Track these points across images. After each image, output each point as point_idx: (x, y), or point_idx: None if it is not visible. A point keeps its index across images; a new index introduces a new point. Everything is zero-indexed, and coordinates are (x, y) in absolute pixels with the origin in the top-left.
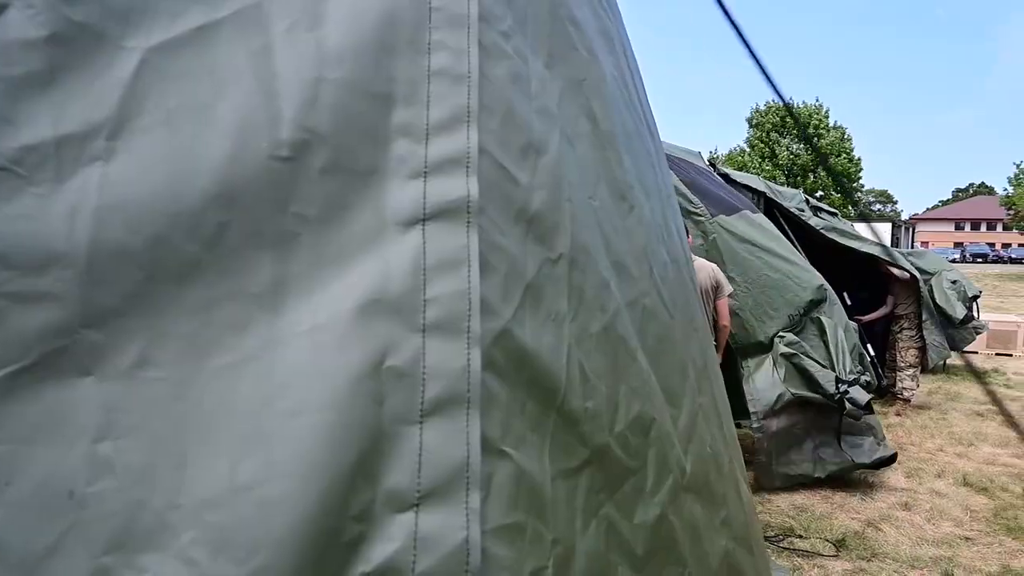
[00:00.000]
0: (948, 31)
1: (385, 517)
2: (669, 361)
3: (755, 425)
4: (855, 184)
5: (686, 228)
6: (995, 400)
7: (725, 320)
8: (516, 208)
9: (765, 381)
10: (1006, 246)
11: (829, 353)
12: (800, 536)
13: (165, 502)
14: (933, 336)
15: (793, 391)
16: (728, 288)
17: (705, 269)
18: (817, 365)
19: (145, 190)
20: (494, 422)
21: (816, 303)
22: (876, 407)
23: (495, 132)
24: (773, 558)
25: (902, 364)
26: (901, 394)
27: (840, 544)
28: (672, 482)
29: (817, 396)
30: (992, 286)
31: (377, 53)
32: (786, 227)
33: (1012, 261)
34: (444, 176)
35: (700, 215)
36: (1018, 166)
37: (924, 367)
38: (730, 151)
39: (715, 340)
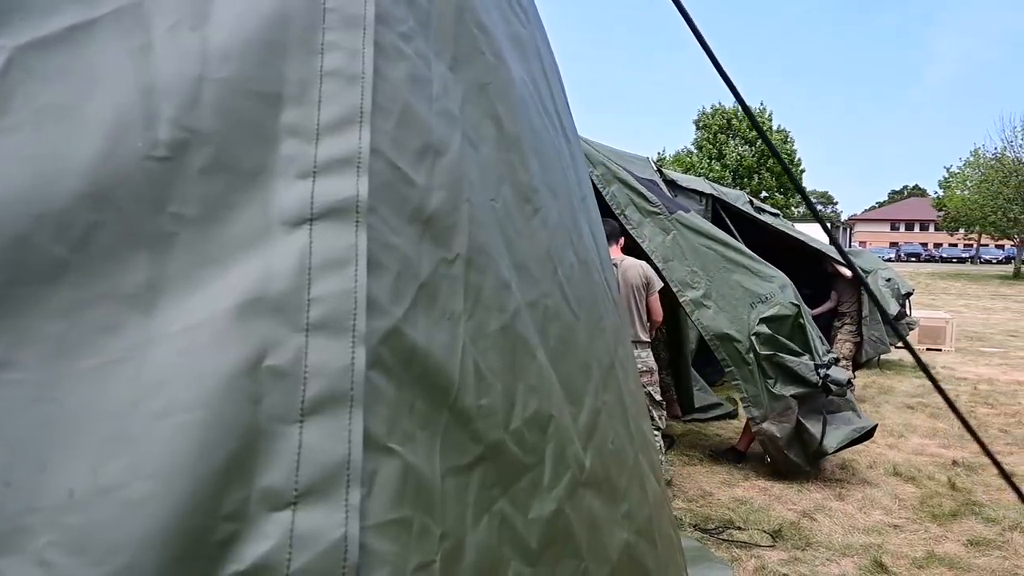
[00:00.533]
0: (884, 40)
1: (260, 516)
2: (572, 360)
3: (755, 429)
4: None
5: (658, 228)
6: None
7: (656, 316)
8: (411, 208)
9: (756, 389)
10: (938, 246)
11: (807, 337)
12: (739, 528)
13: (23, 506)
14: (872, 331)
15: (783, 393)
16: (658, 284)
17: (635, 268)
18: (794, 358)
19: (8, 191)
20: (380, 419)
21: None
22: None
23: (390, 133)
24: (713, 550)
25: (836, 356)
26: None
27: (777, 535)
28: (570, 477)
29: (804, 389)
30: (924, 284)
31: (266, 53)
32: (732, 228)
33: (943, 260)
34: (334, 176)
35: (659, 212)
36: (947, 170)
37: (857, 362)
38: (678, 152)
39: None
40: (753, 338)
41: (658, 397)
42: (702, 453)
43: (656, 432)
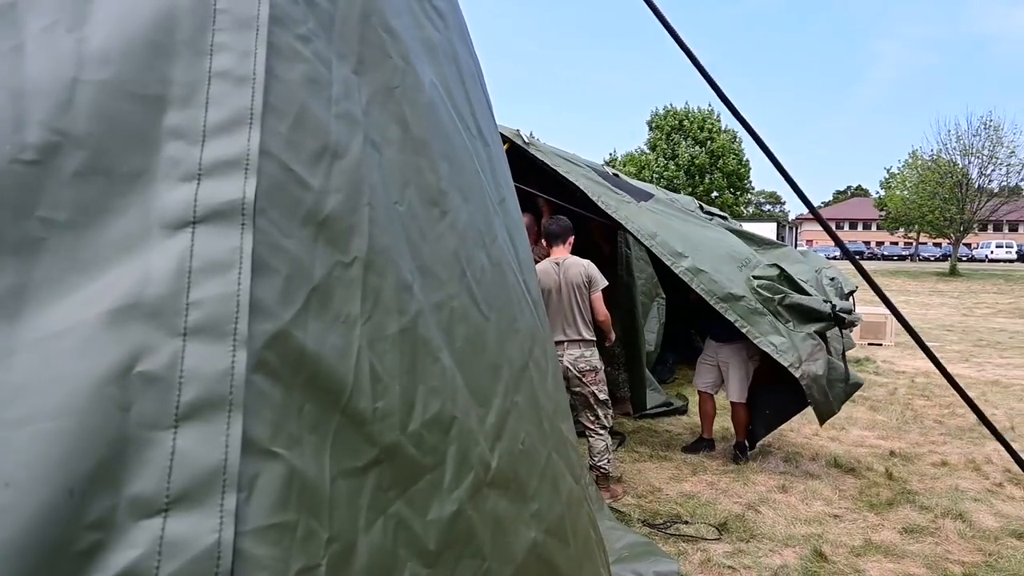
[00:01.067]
0: (827, 44)
1: (127, 524)
2: (480, 361)
3: (797, 375)
4: (744, 184)
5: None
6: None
7: (600, 315)
8: (305, 210)
9: (781, 336)
10: (880, 244)
11: (797, 283)
12: (686, 522)
13: None
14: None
15: (806, 332)
16: (601, 283)
17: (577, 267)
18: (801, 295)
19: None
20: (264, 423)
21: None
22: None
23: (284, 135)
24: (660, 544)
25: None
26: None
27: (722, 528)
28: (473, 478)
29: (821, 324)
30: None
31: (150, 54)
32: None
33: (885, 258)
34: (219, 178)
35: (630, 202)
36: (888, 171)
37: None
38: (631, 153)
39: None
40: (756, 292)
41: (603, 396)
42: (652, 449)
43: (603, 431)
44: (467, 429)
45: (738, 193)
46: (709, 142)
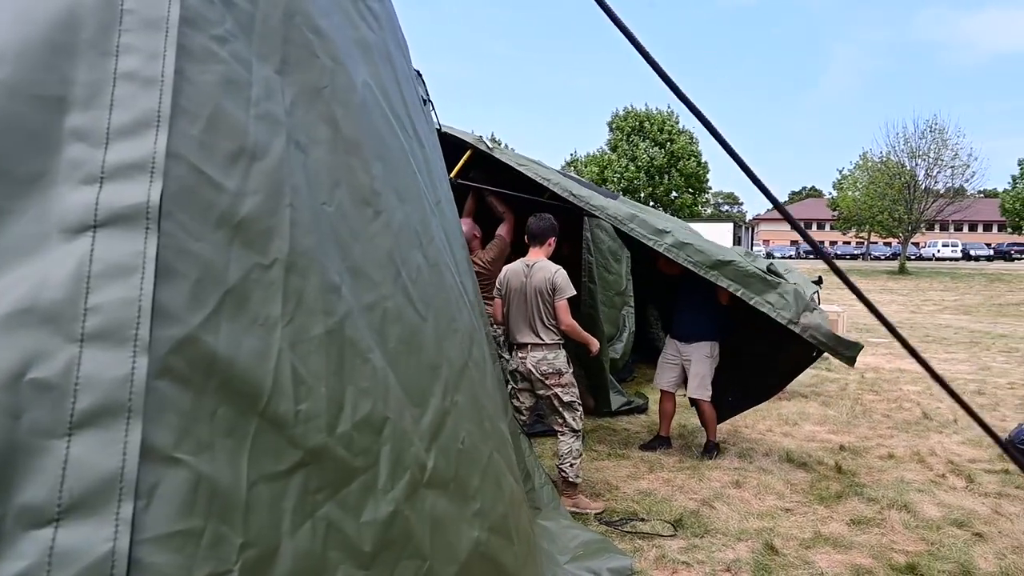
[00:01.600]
0: (783, 48)
1: (16, 534)
2: (416, 361)
3: (799, 329)
4: (703, 185)
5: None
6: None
7: (563, 324)
8: (218, 213)
9: (776, 294)
10: (833, 243)
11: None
12: (642, 519)
13: None
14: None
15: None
16: (566, 292)
17: (544, 271)
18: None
19: None
20: (168, 430)
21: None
22: None
23: (196, 137)
24: (617, 542)
25: None
26: None
27: (678, 524)
28: (409, 479)
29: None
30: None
31: (50, 55)
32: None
33: (837, 257)
34: (123, 181)
35: (599, 196)
36: (840, 172)
37: None
38: (593, 154)
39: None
40: (744, 256)
41: (567, 398)
42: (609, 448)
43: (571, 434)
44: (401, 429)
45: (696, 194)
46: (669, 143)
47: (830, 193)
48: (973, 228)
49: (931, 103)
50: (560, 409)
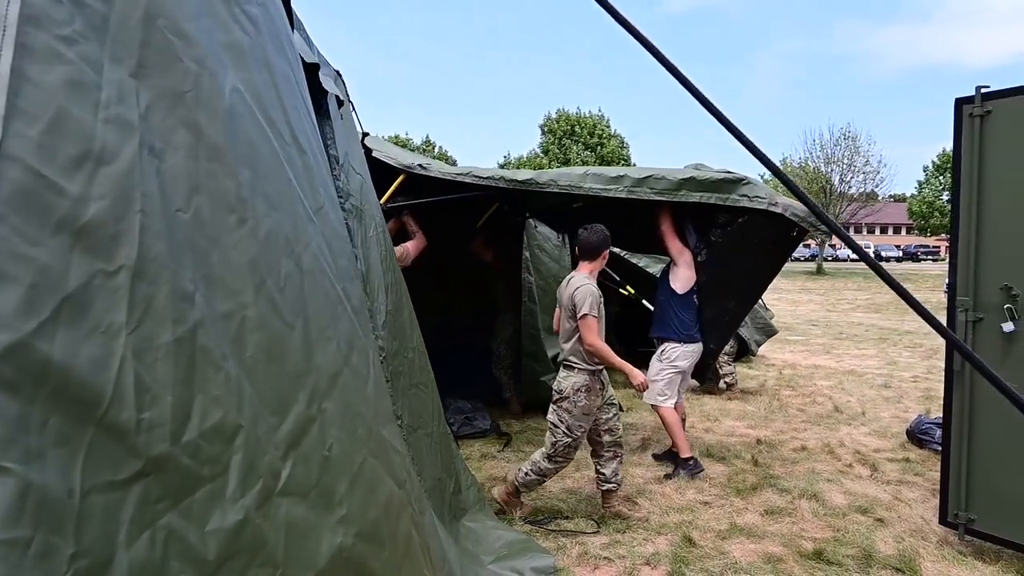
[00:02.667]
0: (709, 56)
1: None
2: (277, 369)
3: (780, 210)
4: None
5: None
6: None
7: (585, 343)
8: (58, 217)
9: (748, 186)
10: None
11: None
12: (567, 517)
13: None
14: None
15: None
16: (584, 310)
17: (571, 288)
18: None
19: None
20: None
21: None
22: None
23: (36, 139)
24: (541, 540)
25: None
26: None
27: (601, 521)
28: (261, 487)
29: None
30: None
31: None
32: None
33: None
34: None
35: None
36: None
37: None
38: (525, 156)
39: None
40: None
41: (552, 418)
42: (537, 448)
43: (545, 454)
44: (255, 438)
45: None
46: (599, 147)
47: None
48: (884, 231)
49: (846, 112)
50: (550, 430)
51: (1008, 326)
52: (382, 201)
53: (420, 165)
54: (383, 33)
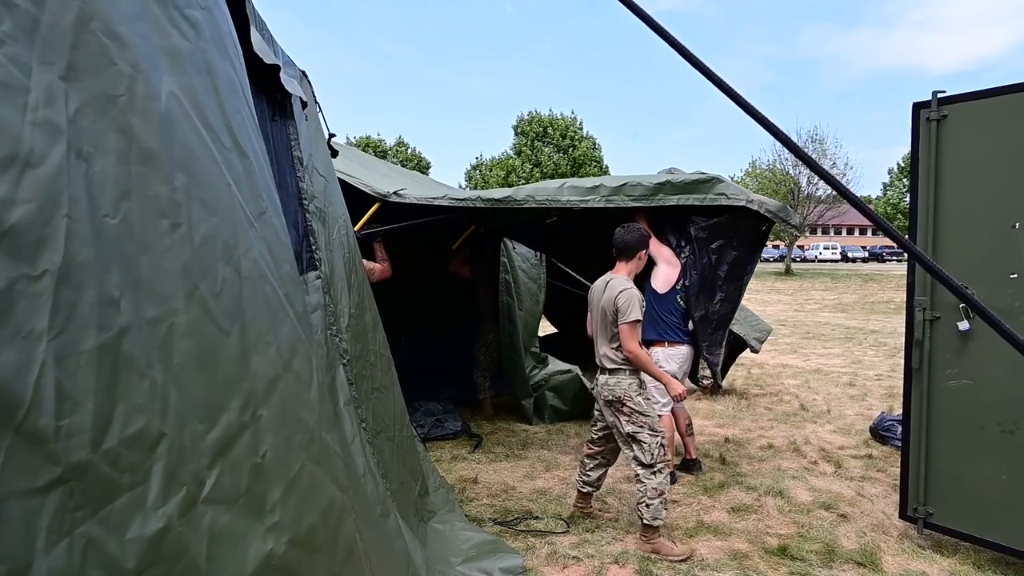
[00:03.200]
0: (677, 63)
1: None
2: (208, 376)
3: (756, 207)
4: None
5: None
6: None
7: (625, 349)
8: None
9: (723, 184)
10: None
11: None
12: (537, 518)
13: None
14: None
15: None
16: (629, 315)
17: (612, 291)
18: None
19: None
20: None
21: None
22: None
23: None
24: (511, 541)
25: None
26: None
27: (570, 520)
28: (185, 495)
29: None
30: None
31: None
32: None
33: None
34: None
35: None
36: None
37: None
38: (498, 157)
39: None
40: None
41: (630, 429)
42: (508, 449)
43: (644, 469)
44: (179, 446)
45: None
46: (571, 149)
47: None
48: (851, 232)
49: (814, 115)
50: (628, 442)
51: (963, 325)
52: (356, 229)
53: (395, 192)
54: (357, 34)
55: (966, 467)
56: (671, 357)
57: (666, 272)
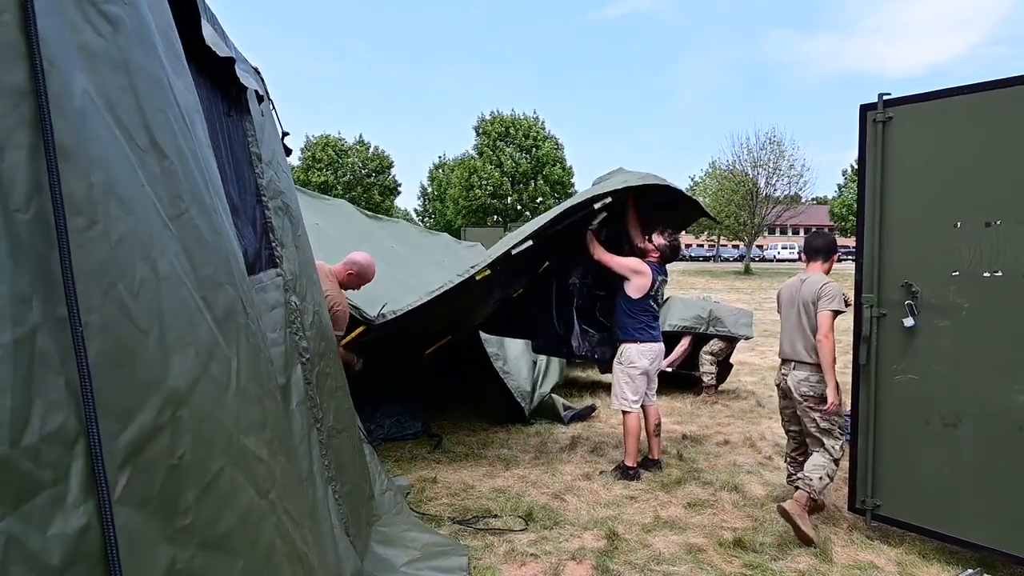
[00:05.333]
0: (643, 62)
1: None
2: (123, 376)
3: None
4: (569, 191)
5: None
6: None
7: (820, 333)
8: None
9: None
10: (687, 246)
11: None
12: (495, 516)
13: None
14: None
15: None
16: (830, 304)
17: (813, 284)
18: None
19: None
20: None
21: None
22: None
23: None
24: (468, 539)
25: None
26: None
27: (529, 518)
28: (99, 494)
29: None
30: (676, 280)
31: None
32: None
33: (691, 259)
34: None
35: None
36: (692, 179)
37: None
38: (460, 157)
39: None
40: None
41: (825, 425)
42: (468, 448)
43: (832, 457)
44: (96, 444)
45: (562, 199)
46: (535, 149)
47: None
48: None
49: (773, 117)
50: (818, 435)
51: (908, 321)
52: (339, 348)
53: (382, 314)
54: (313, 31)
55: (911, 460)
56: (643, 353)
57: (639, 281)
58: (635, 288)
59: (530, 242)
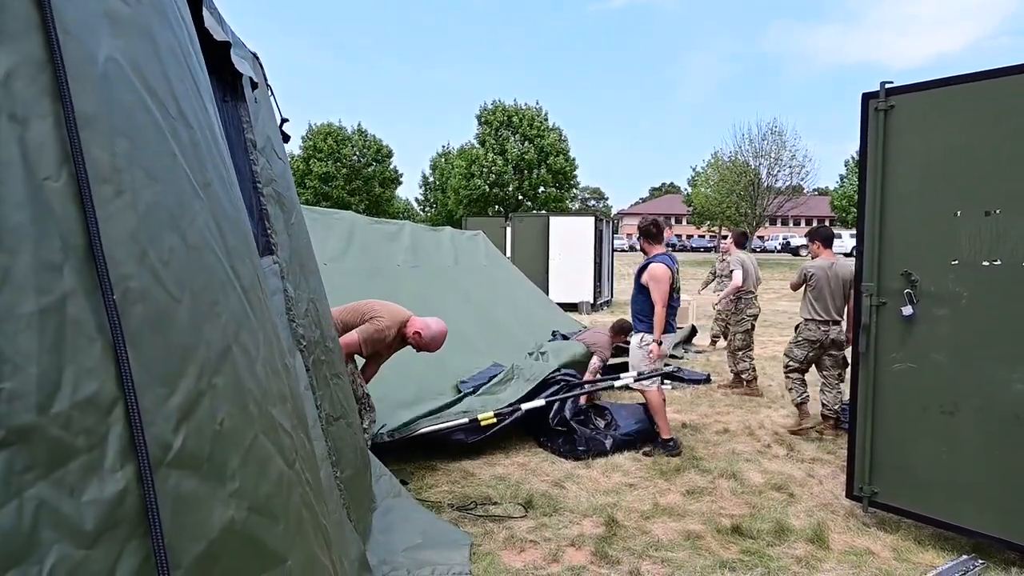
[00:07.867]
0: (647, 54)
1: None
2: (163, 342)
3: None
4: (572, 181)
5: None
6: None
7: (851, 302)
8: None
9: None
10: (689, 237)
11: None
12: (495, 503)
13: None
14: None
15: None
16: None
17: (847, 267)
18: None
19: None
20: None
21: None
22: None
23: None
24: (468, 526)
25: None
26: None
27: (528, 505)
28: (141, 458)
29: None
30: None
31: None
32: None
33: (692, 250)
34: None
35: None
36: (694, 169)
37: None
38: (462, 146)
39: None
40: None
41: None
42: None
43: (840, 382)
44: (141, 409)
45: (564, 189)
46: (538, 139)
47: (686, 190)
48: (809, 223)
49: (776, 109)
50: (841, 364)
51: (907, 310)
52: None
53: (381, 434)
54: (316, 24)
55: (909, 448)
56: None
57: (663, 289)
58: (660, 295)
59: (522, 411)
